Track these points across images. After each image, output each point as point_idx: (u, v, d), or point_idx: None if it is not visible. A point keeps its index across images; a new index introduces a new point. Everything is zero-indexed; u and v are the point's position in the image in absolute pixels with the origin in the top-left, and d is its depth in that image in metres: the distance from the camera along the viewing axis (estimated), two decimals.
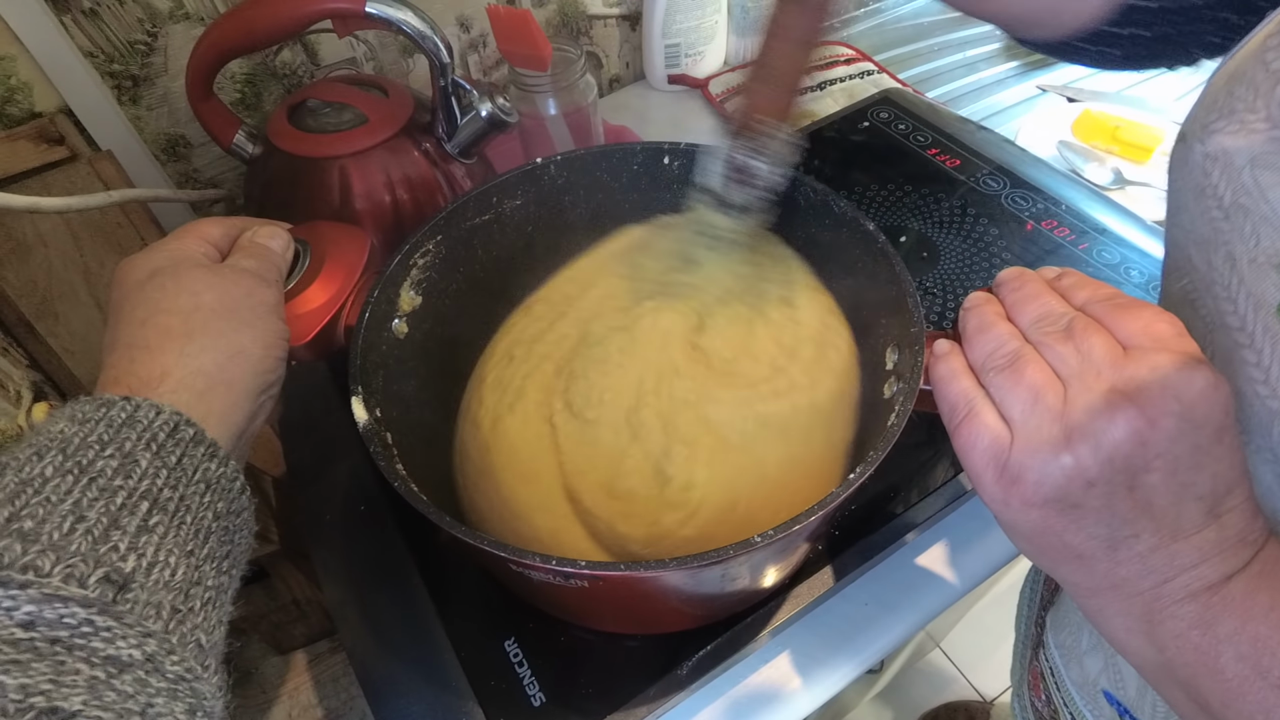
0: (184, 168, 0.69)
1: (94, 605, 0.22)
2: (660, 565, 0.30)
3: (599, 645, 0.43)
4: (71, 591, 0.22)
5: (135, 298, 0.31)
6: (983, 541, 0.49)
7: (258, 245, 0.36)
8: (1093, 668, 0.44)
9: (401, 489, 0.32)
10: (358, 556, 0.47)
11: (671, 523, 0.38)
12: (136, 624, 0.23)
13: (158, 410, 0.27)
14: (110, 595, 0.22)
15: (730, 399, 0.40)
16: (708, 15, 0.84)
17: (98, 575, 0.22)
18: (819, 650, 0.45)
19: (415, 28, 0.52)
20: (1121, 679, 0.41)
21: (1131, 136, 0.74)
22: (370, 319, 0.38)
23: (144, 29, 0.61)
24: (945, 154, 0.69)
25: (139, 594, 0.23)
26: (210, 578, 0.27)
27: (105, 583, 0.23)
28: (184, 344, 0.29)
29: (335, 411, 0.54)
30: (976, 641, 1.30)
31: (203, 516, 0.27)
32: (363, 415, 0.35)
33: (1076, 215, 0.62)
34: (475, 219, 0.46)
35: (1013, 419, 0.27)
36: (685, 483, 0.38)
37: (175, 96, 0.65)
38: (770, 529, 0.30)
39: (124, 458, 0.25)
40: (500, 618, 0.44)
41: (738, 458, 0.39)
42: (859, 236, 0.42)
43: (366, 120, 0.57)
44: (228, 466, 0.28)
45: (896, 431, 0.33)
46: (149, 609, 0.23)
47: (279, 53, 0.68)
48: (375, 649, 0.43)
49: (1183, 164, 0.29)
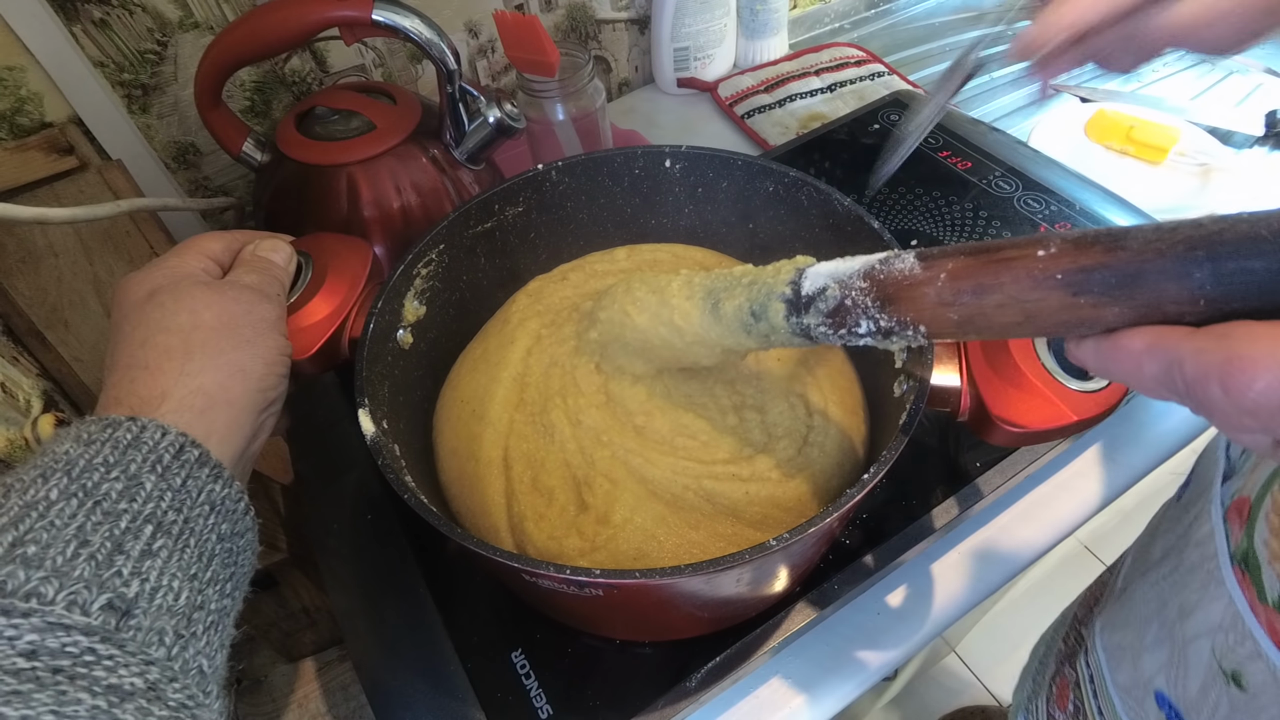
0: (194, 175, 0.69)
1: (97, 633, 0.22)
2: (676, 572, 0.30)
3: (607, 656, 0.43)
4: (74, 619, 0.22)
5: (135, 317, 0.31)
6: (997, 549, 0.48)
7: (259, 259, 0.36)
8: (1150, 665, 0.43)
9: (411, 501, 0.32)
10: (365, 566, 0.47)
11: (572, 549, 0.37)
12: (139, 651, 0.22)
13: (164, 431, 0.27)
14: (113, 622, 0.22)
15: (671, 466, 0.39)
16: (716, 18, 0.83)
17: (101, 602, 0.22)
18: (831, 660, 0.45)
19: (422, 35, 0.52)
20: (1185, 675, 0.40)
21: (1146, 136, 0.73)
22: (374, 331, 0.38)
23: (154, 38, 0.61)
24: (957, 156, 0.68)
25: (142, 620, 0.23)
26: (214, 601, 0.26)
27: (108, 609, 0.22)
28: (183, 363, 0.29)
29: (342, 421, 0.54)
30: (992, 646, 1.29)
31: (207, 539, 0.27)
32: (370, 428, 0.35)
33: (1089, 217, 0.62)
34: (478, 227, 0.45)
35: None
36: (601, 515, 0.38)
37: (185, 105, 0.65)
38: (785, 532, 0.30)
39: (129, 480, 0.25)
40: (508, 628, 0.44)
41: (662, 509, 0.38)
42: (864, 234, 0.42)
43: (374, 127, 0.57)
44: (232, 488, 0.28)
45: (909, 431, 0.33)
46: (152, 635, 0.23)
47: (288, 60, 0.68)
48: (382, 660, 0.43)
49: None
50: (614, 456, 0.39)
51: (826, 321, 0.31)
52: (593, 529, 0.37)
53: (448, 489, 0.42)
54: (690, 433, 0.40)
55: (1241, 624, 0.35)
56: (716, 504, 0.38)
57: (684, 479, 0.38)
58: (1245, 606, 0.35)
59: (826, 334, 0.31)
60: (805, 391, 0.42)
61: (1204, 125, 0.74)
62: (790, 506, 0.38)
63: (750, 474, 0.39)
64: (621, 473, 0.39)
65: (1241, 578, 0.35)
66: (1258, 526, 0.35)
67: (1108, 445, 0.53)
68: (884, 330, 0.29)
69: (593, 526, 0.37)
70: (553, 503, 0.39)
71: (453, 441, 0.42)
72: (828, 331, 0.31)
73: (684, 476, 0.39)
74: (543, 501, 0.39)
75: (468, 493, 0.40)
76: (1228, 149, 0.72)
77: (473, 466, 0.40)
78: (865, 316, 0.29)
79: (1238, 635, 0.36)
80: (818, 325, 0.31)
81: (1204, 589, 0.38)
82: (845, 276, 0.30)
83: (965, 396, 0.36)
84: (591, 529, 0.37)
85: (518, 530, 0.38)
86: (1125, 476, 0.52)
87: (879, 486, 0.32)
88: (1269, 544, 0.34)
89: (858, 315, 0.30)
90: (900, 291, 0.28)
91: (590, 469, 0.39)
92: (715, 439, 0.40)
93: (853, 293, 0.30)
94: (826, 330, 0.31)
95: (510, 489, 0.39)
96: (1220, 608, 0.37)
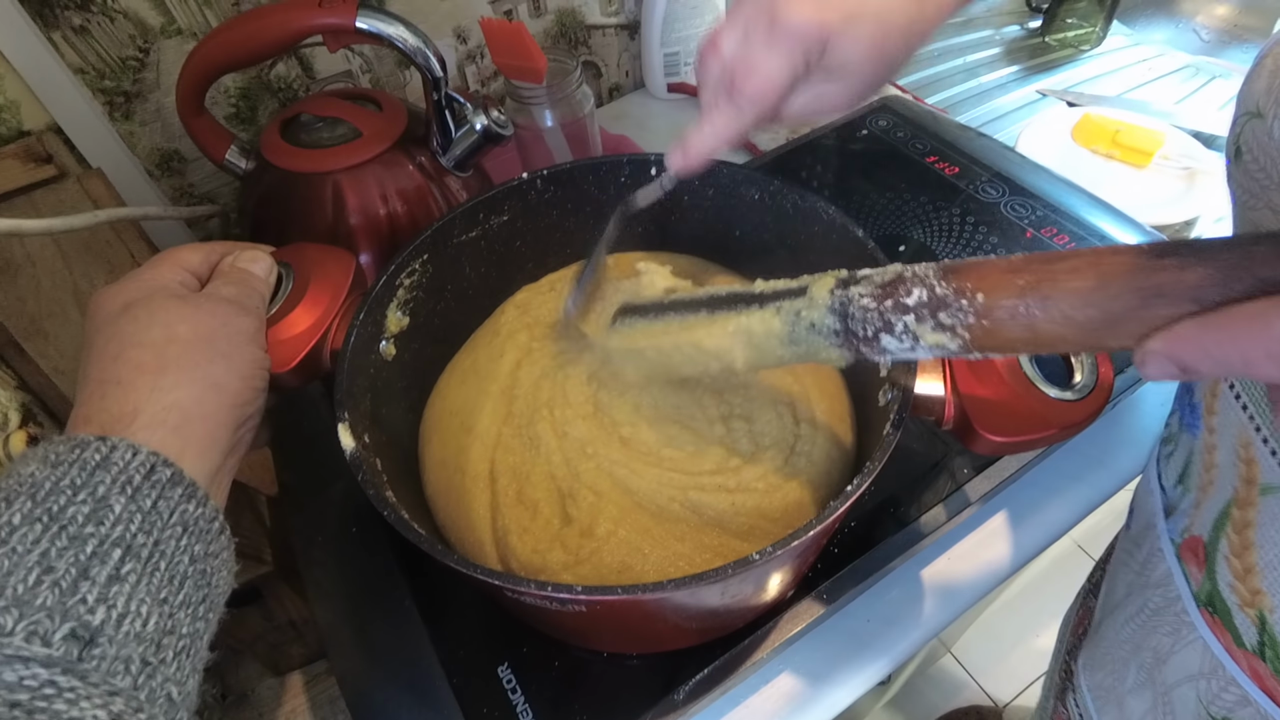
0: (179, 182, 0.69)
1: (58, 664, 0.21)
2: (657, 588, 0.29)
3: (595, 669, 0.42)
4: (34, 651, 0.21)
5: (108, 331, 0.30)
6: (987, 554, 0.48)
7: (238, 270, 0.35)
8: (1136, 710, 0.42)
9: (391, 518, 0.32)
10: (350, 578, 0.46)
11: (556, 563, 0.37)
12: (103, 682, 0.22)
13: (134, 451, 0.26)
14: (75, 652, 0.22)
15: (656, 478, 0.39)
16: (706, 23, 0.83)
17: (63, 631, 0.22)
18: (821, 668, 0.44)
19: (407, 43, 0.52)
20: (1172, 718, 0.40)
21: (1131, 140, 0.73)
22: (356, 342, 0.38)
23: (135, 45, 0.61)
24: (944, 161, 0.68)
25: (107, 649, 0.22)
26: (185, 625, 0.26)
27: (71, 639, 0.22)
28: (156, 378, 0.29)
29: (327, 431, 0.52)
30: (988, 646, 1.29)
31: (178, 561, 0.26)
32: (350, 443, 0.34)
33: (1076, 222, 0.62)
34: (462, 236, 0.45)
35: None
36: (585, 527, 0.38)
37: (169, 111, 0.64)
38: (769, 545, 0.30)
39: (97, 503, 0.25)
40: (495, 641, 0.43)
41: (648, 521, 0.38)
42: (849, 243, 0.41)
43: (360, 134, 0.56)
44: (206, 506, 0.28)
45: (893, 441, 0.33)
46: (117, 664, 0.23)
47: (273, 66, 0.67)
48: (366, 675, 0.42)
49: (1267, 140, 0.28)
50: (599, 468, 0.39)
51: (875, 293, 0.29)
52: (577, 542, 0.37)
53: (433, 501, 0.41)
54: (677, 443, 0.40)
55: (1223, 670, 0.34)
56: (703, 515, 0.38)
57: (670, 490, 0.38)
58: (1222, 652, 0.34)
59: (868, 308, 0.29)
60: (793, 400, 0.42)
61: (1188, 129, 0.75)
62: (777, 517, 0.38)
63: (737, 484, 0.39)
64: (606, 484, 0.38)
65: (1212, 621, 0.35)
66: (1219, 570, 0.34)
67: (1097, 448, 0.53)
68: (938, 300, 0.27)
69: (577, 539, 0.37)
70: (537, 516, 0.38)
71: (441, 453, 0.42)
72: (870, 305, 0.29)
73: (670, 488, 0.38)
74: (527, 515, 0.38)
75: (454, 506, 0.40)
76: (1212, 152, 0.72)
77: (459, 479, 0.40)
78: (921, 285, 0.27)
79: (1221, 682, 0.35)
80: (862, 298, 0.29)
81: (1175, 633, 0.38)
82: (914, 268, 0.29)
83: (949, 405, 0.36)
84: (575, 542, 0.37)
85: (502, 544, 0.38)
86: (1114, 479, 0.52)
87: (867, 494, 0.32)
88: (1235, 589, 0.33)
89: (912, 284, 0.27)
90: (967, 266, 0.27)
91: (575, 481, 0.39)
92: (702, 449, 0.40)
93: (914, 270, 0.28)
94: (869, 303, 0.29)
95: (495, 502, 0.39)
96: (1197, 653, 0.36)
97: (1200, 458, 0.37)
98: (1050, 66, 0.90)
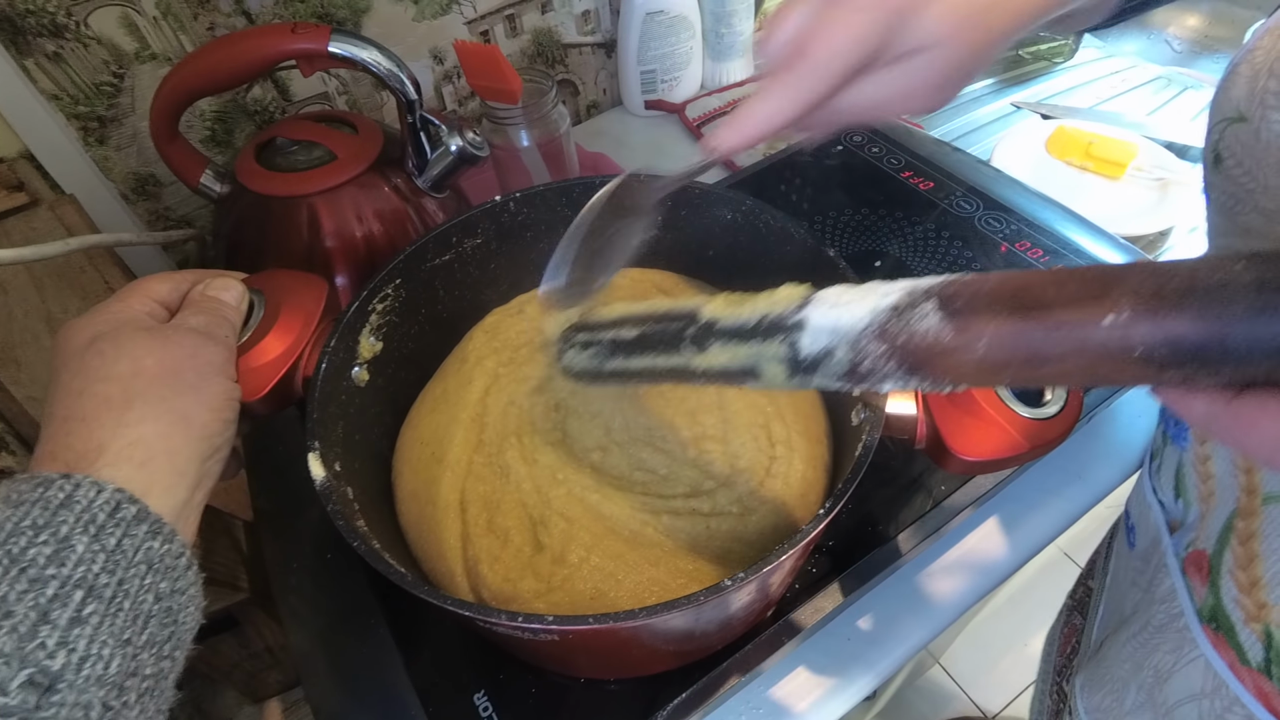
0: (155, 206, 0.68)
1: (15, 714, 0.21)
2: (629, 616, 0.29)
3: (572, 696, 0.42)
4: None
5: (74, 366, 0.30)
6: (967, 568, 0.48)
7: (208, 299, 0.35)
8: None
9: (361, 549, 0.32)
10: (326, 605, 0.46)
11: (528, 591, 0.37)
12: None
13: (99, 488, 0.26)
14: (34, 700, 0.21)
15: (629, 503, 0.39)
16: (682, 41, 0.84)
17: (21, 679, 0.21)
18: (803, 687, 0.44)
19: (381, 66, 0.52)
20: None
21: (1104, 152, 0.74)
22: (328, 369, 0.37)
23: (110, 70, 0.60)
24: (919, 177, 0.69)
25: (66, 694, 0.22)
26: (149, 665, 0.25)
27: (29, 686, 0.21)
28: (122, 413, 0.28)
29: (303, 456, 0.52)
30: (976, 656, 1.29)
31: (142, 600, 0.26)
32: (320, 472, 0.34)
33: (1050, 236, 0.62)
34: (435, 260, 0.45)
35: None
36: (557, 554, 0.37)
37: (144, 136, 0.64)
38: (740, 571, 0.29)
39: (59, 543, 0.24)
40: (470, 668, 0.43)
41: (621, 547, 0.38)
42: (821, 262, 0.42)
43: (335, 157, 0.56)
44: (173, 543, 0.27)
45: (864, 462, 0.33)
46: (77, 710, 0.22)
47: (249, 89, 0.67)
48: (341, 703, 0.42)
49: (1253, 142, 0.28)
50: (570, 494, 0.39)
51: (842, 382, 0.27)
52: (549, 569, 0.37)
53: (407, 532, 0.41)
54: (649, 467, 0.40)
55: (1226, 690, 0.33)
56: (677, 540, 0.38)
57: (643, 515, 0.38)
58: (1225, 670, 0.33)
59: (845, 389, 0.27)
60: (767, 420, 0.42)
61: (1161, 140, 0.76)
62: (752, 540, 0.38)
63: (711, 508, 0.38)
64: (578, 510, 0.38)
65: (1215, 638, 0.34)
66: (1223, 584, 0.33)
67: (1076, 462, 0.53)
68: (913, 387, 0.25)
69: (549, 567, 0.37)
70: (508, 544, 0.38)
71: (413, 484, 0.42)
72: (845, 387, 0.27)
73: (643, 512, 0.38)
74: (497, 543, 0.38)
75: (425, 536, 0.40)
76: (1184, 163, 0.73)
77: (431, 510, 0.40)
78: (889, 379, 0.25)
79: (1224, 701, 0.34)
80: (832, 384, 0.27)
81: (1177, 650, 0.37)
82: (853, 335, 0.25)
83: (921, 425, 0.36)
84: (548, 569, 0.37)
85: (473, 574, 0.38)
86: (1093, 492, 0.52)
87: (843, 513, 0.32)
88: (1241, 603, 0.32)
89: (879, 378, 0.25)
90: (932, 359, 0.24)
91: (546, 508, 0.38)
92: (675, 473, 0.40)
93: (867, 358, 0.25)
94: (844, 386, 0.27)
95: (465, 532, 0.39)
96: (1199, 672, 0.35)
97: (1193, 469, 0.37)
98: (1024, 79, 0.91)
